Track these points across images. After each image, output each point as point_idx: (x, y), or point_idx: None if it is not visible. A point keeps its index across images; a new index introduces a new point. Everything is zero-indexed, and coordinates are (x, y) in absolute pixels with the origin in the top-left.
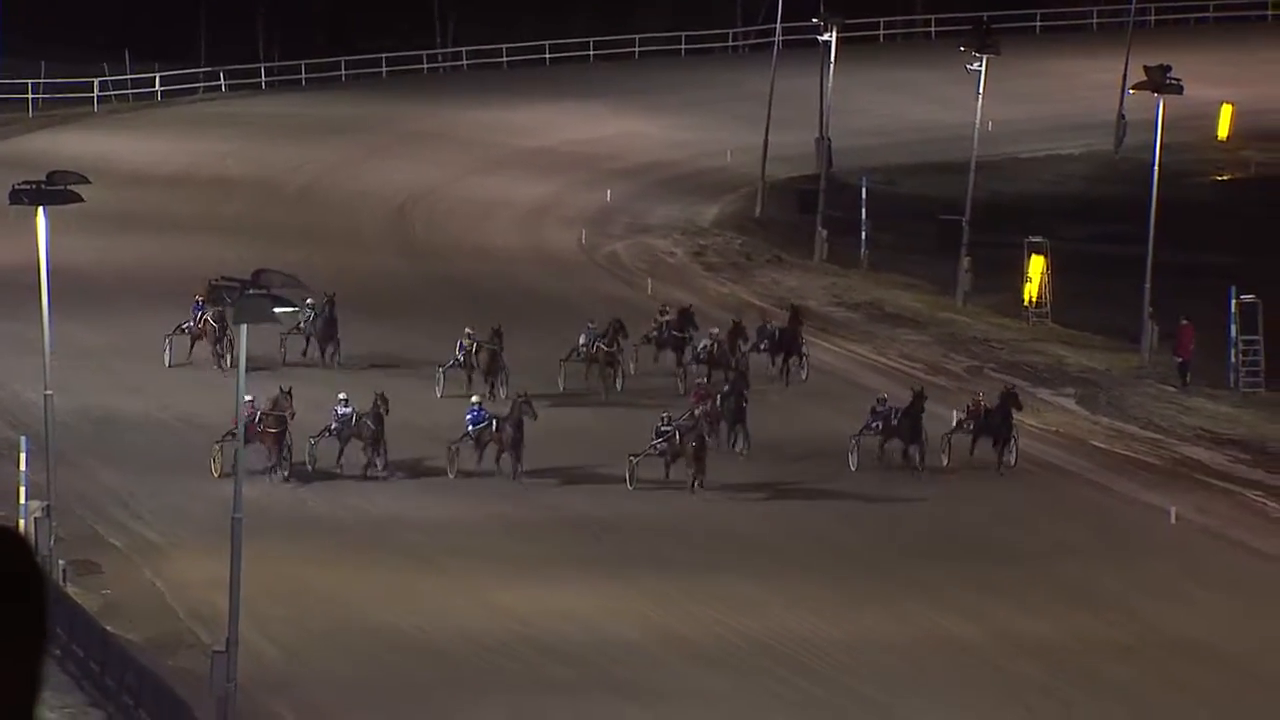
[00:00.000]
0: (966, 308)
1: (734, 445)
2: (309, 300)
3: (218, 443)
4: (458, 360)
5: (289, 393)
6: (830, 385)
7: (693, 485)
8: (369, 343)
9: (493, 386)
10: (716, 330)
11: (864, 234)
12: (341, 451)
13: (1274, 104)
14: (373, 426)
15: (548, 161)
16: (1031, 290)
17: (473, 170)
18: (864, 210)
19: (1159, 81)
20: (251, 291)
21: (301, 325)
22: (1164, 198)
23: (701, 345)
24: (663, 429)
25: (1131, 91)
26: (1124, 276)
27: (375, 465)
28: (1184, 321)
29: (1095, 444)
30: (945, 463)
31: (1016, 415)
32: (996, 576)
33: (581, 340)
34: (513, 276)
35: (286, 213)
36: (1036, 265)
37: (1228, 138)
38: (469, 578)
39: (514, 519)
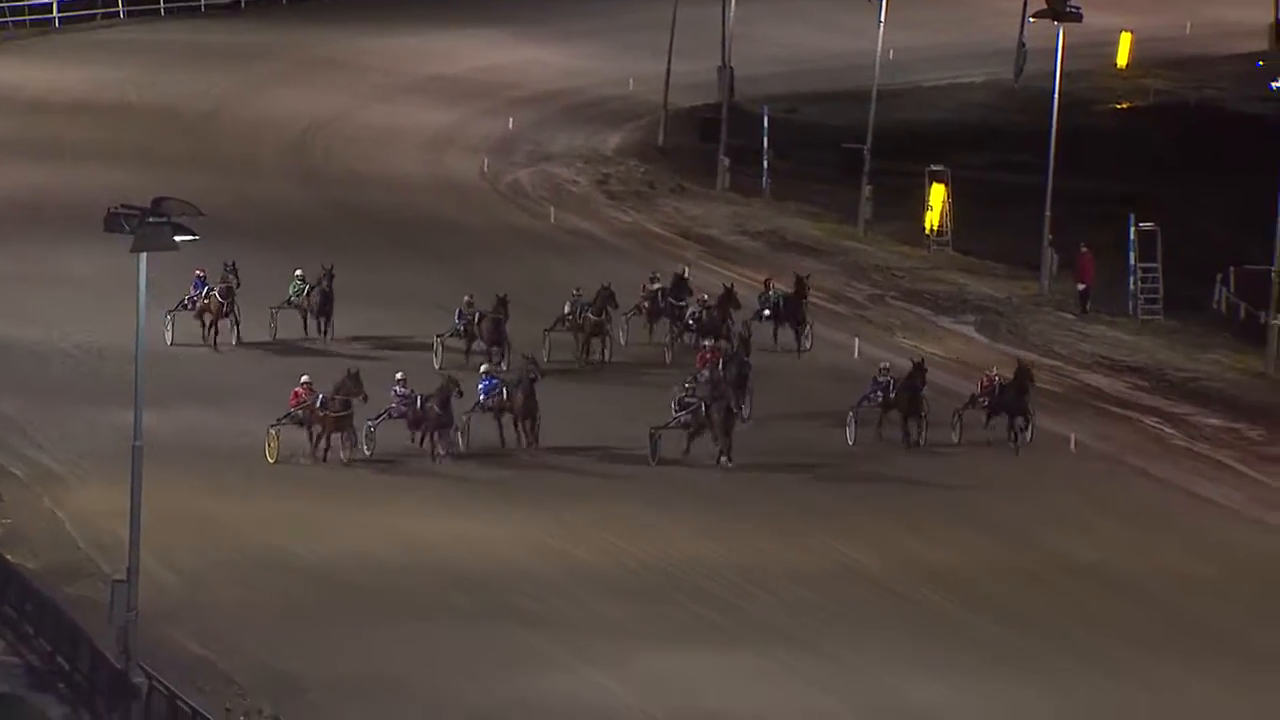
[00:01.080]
0: (868, 236)
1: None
2: (299, 271)
3: (273, 426)
4: (457, 329)
5: (356, 376)
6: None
7: (719, 459)
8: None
9: (501, 357)
10: (705, 297)
11: (766, 163)
12: (422, 437)
13: (1173, 32)
14: (438, 410)
15: (450, 89)
16: (932, 219)
17: (375, 98)
18: (766, 139)
19: (1059, 9)
20: (152, 219)
21: (293, 299)
22: (1064, 126)
23: (690, 312)
24: (686, 399)
25: (1032, 20)
26: (1024, 205)
27: (440, 450)
28: (1083, 249)
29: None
30: (957, 440)
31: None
32: (899, 506)
33: (567, 309)
34: (415, 205)
35: (187, 140)
36: (937, 194)
37: (1127, 66)
38: (370, 506)
39: (414, 448)
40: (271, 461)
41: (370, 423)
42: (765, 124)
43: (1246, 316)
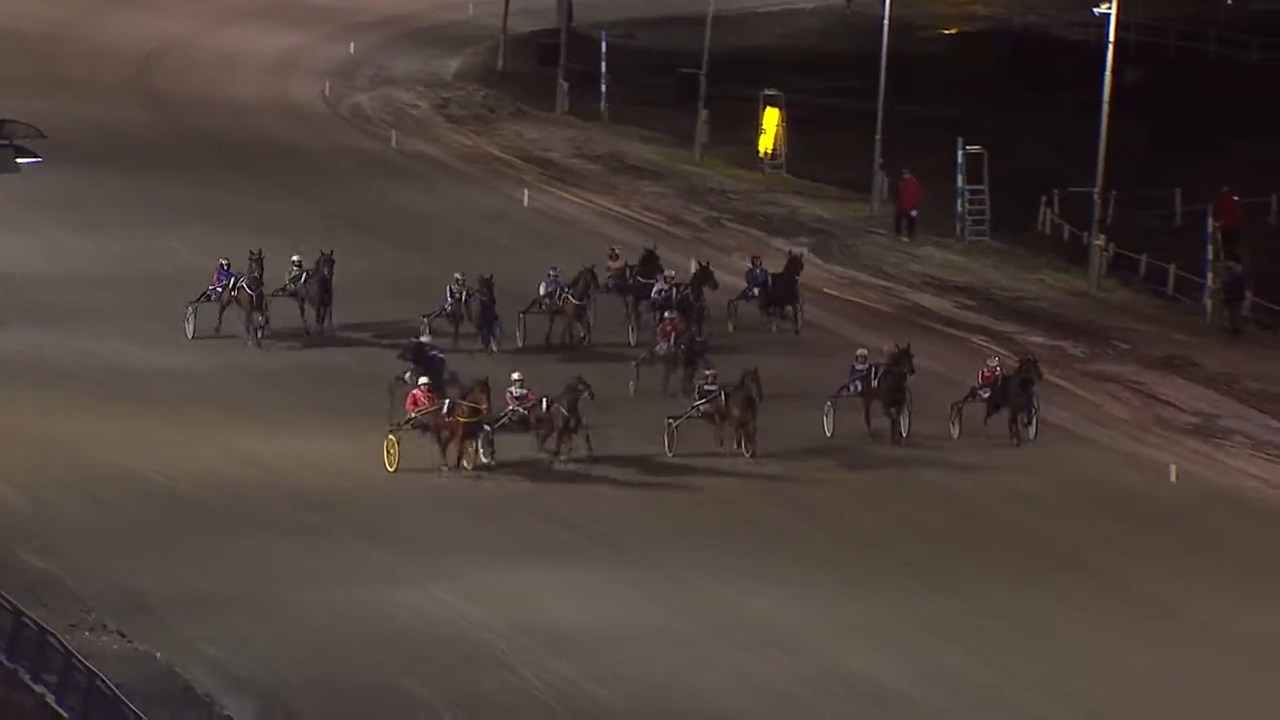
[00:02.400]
0: (704, 160)
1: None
2: (295, 257)
3: (393, 431)
4: (444, 309)
5: (484, 383)
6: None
7: (744, 451)
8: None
9: (486, 340)
10: (673, 273)
11: (604, 87)
12: (544, 440)
13: None
14: (566, 413)
15: (293, 14)
16: (766, 143)
17: (218, 22)
18: (604, 63)
19: None
20: None
21: (289, 286)
22: (894, 51)
23: (657, 289)
24: (706, 388)
25: None
26: (856, 129)
27: (562, 455)
28: (905, 175)
29: (828, 291)
30: (955, 435)
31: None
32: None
33: (543, 290)
34: (258, 129)
35: (30, 63)
36: (771, 118)
37: None
38: (215, 426)
39: (259, 369)
40: (391, 470)
41: (489, 427)
42: (603, 49)
43: (1069, 237)
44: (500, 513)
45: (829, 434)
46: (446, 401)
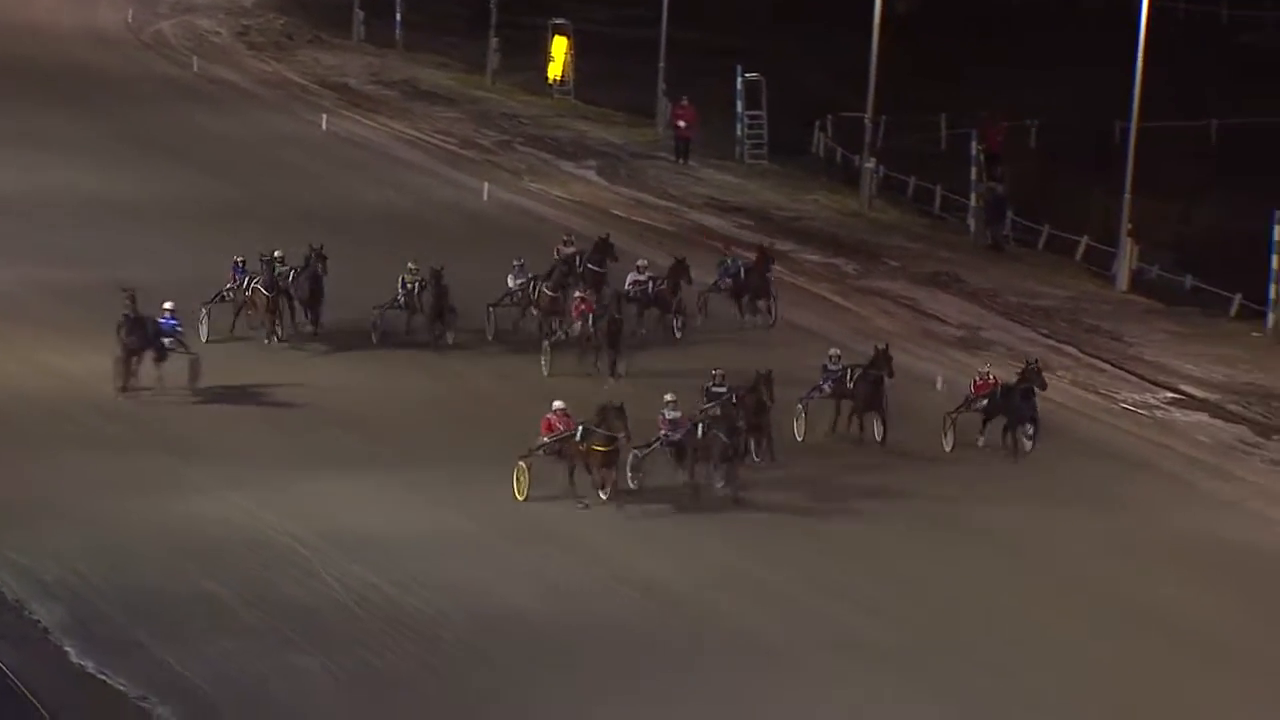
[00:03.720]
0: (495, 86)
1: (612, 372)
2: (277, 252)
3: (524, 458)
4: (398, 302)
5: (620, 409)
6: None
7: (756, 456)
8: None
9: (443, 332)
10: (644, 262)
11: (399, 15)
12: (691, 466)
13: None
14: (725, 440)
15: None
16: (555, 70)
17: None
18: None
19: None
20: None
21: (279, 285)
22: None
23: (632, 280)
24: (714, 389)
25: None
26: (642, 56)
27: (724, 485)
28: (683, 102)
29: (615, 212)
30: (949, 447)
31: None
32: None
33: (512, 282)
34: (63, 53)
35: None
36: (560, 46)
37: None
38: (25, 344)
39: (64, 285)
40: (521, 499)
41: (638, 452)
42: None
43: (842, 160)
44: (302, 426)
45: (799, 438)
46: (580, 428)
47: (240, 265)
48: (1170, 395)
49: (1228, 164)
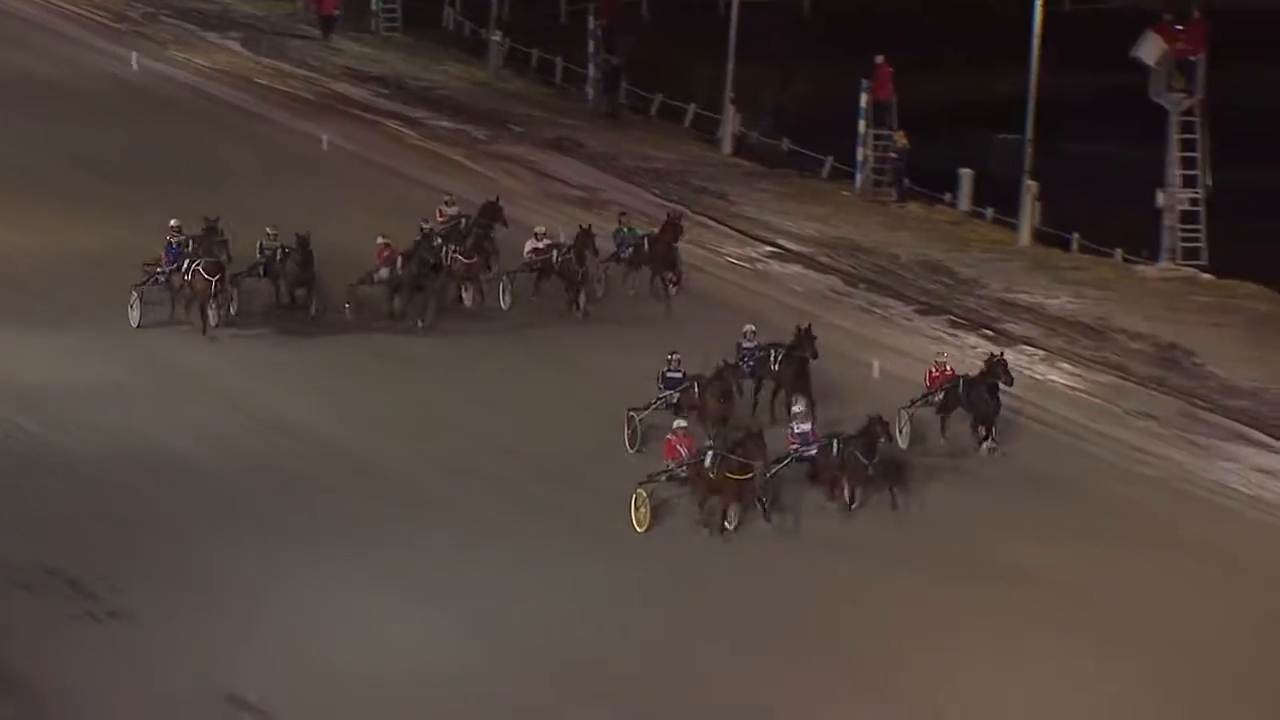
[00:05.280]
0: None
1: (419, 321)
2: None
3: (643, 485)
4: (258, 269)
5: (759, 435)
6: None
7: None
8: None
9: (309, 302)
10: (542, 229)
11: None
12: (832, 489)
13: None
14: (862, 459)
15: None
16: None
17: None
18: None
19: None
20: None
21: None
22: None
23: (529, 249)
24: (670, 374)
25: None
26: None
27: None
28: None
29: (258, 81)
30: (904, 445)
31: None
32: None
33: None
34: None
35: None
36: None
37: None
38: None
39: None
40: (641, 530)
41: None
42: None
43: (471, 33)
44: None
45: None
46: (710, 453)
47: (175, 246)
48: (769, 249)
49: (822, 36)
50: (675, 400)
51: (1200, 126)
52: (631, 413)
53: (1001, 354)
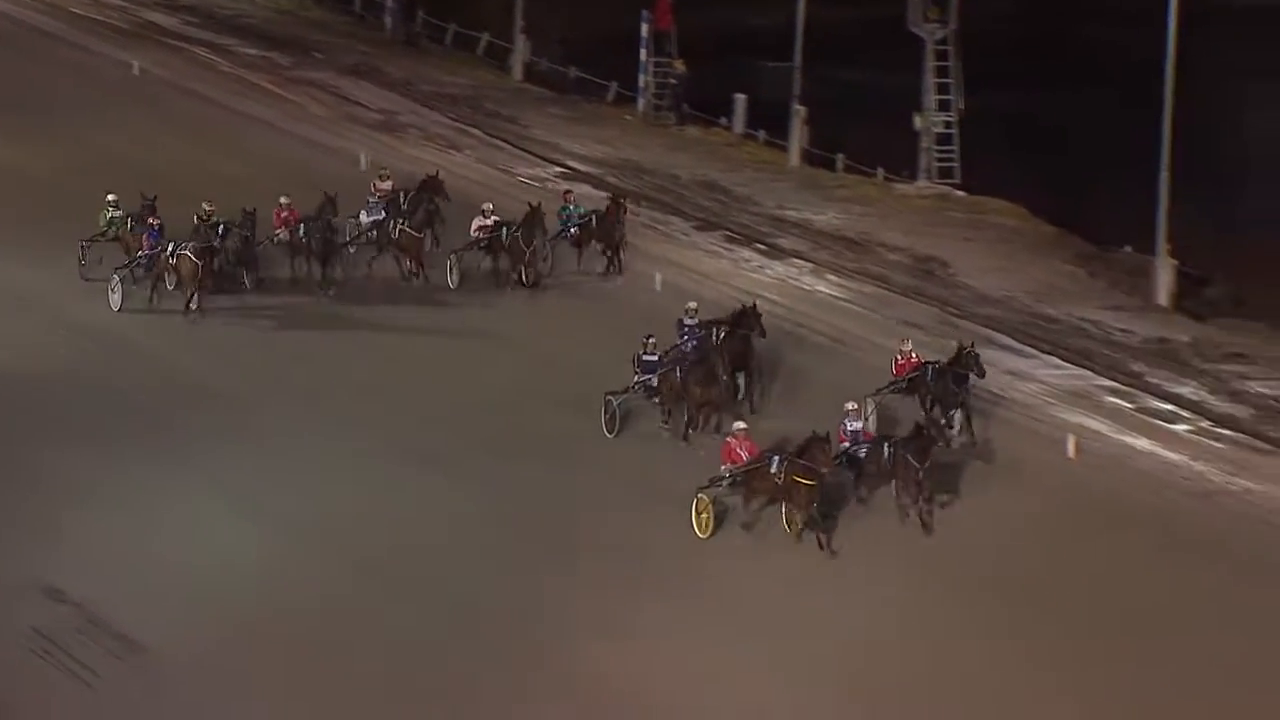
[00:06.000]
0: None
1: (322, 280)
2: (111, 197)
3: (703, 490)
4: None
5: (825, 439)
6: None
7: (685, 432)
8: None
9: (242, 279)
10: (489, 206)
11: None
12: (898, 492)
13: None
14: (916, 463)
15: None
16: None
17: None
18: None
19: None
20: None
21: (107, 230)
22: None
23: (476, 226)
24: (645, 357)
25: None
26: None
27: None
28: None
29: (73, 10)
30: (871, 429)
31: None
32: (5, 121)
33: (365, 217)
34: None
35: None
36: None
37: None
38: None
39: None
40: (704, 536)
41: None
42: None
43: None
44: None
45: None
46: (775, 458)
47: (157, 230)
48: (559, 169)
49: None
50: (654, 385)
51: (953, 55)
52: (609, 397)
53: (972, 345)
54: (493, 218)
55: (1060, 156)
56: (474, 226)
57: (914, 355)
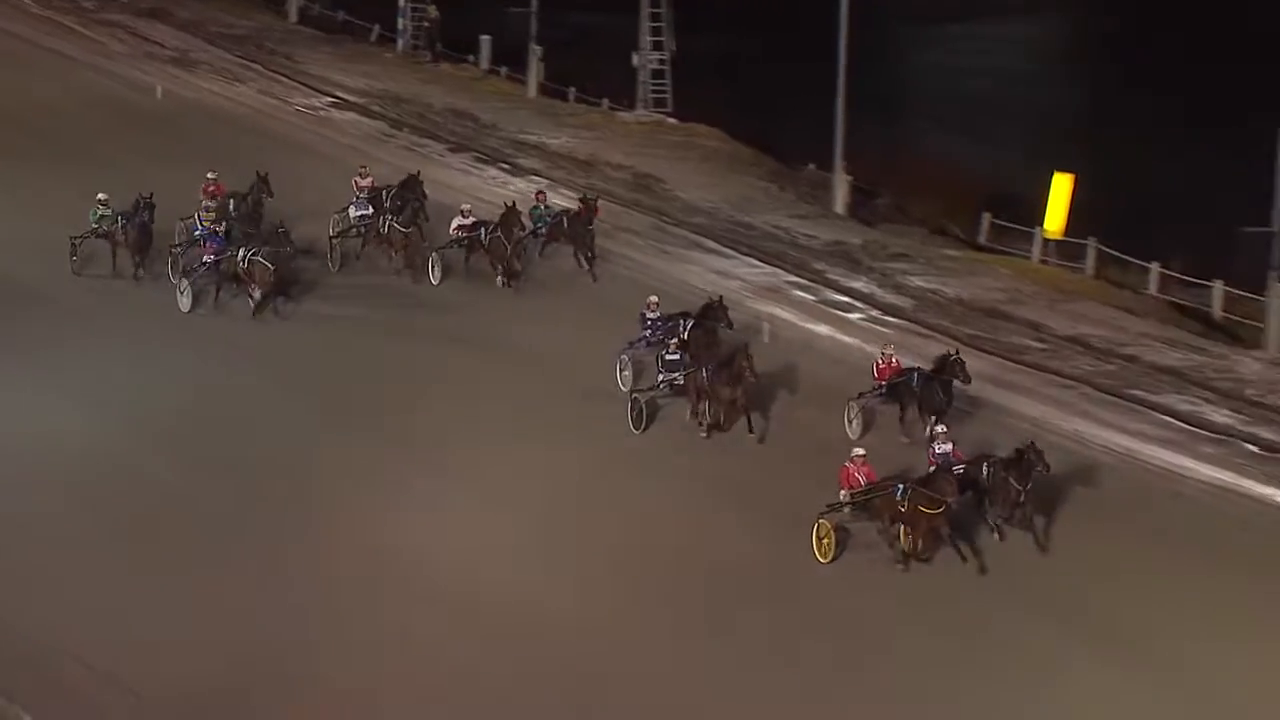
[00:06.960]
0: None
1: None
2: (102, 196)
3: (824, 515)
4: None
5: (950, 470)
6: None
7: (704, 428)
8: None
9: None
10: (468, 206)
11: None
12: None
13: None
14: (1016, 484)
15: None
16: None
17: None
18: None
19: None
20: None
21: (98, 228)
22: None
23: (455, 226)
24: (669, 356)
25: None
26: None
27: (1002, 524)
28: None
29: None
30: (856, 435)
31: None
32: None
33: (354, 213)
34: None
35: None
36: None
37: None
38: None
39: None
40: (824, 561)
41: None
42: None
43: None
44: None
45: (623, 389)
46: (900, 486)
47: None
48: (330, 100)
49: None
50: (680, 383)
51: (665, 1)
52: (636, 395)
53: (957, 352)
54: (471, 218)
55: (757, 89)
56: (453, 226)
57: (895, 360)
